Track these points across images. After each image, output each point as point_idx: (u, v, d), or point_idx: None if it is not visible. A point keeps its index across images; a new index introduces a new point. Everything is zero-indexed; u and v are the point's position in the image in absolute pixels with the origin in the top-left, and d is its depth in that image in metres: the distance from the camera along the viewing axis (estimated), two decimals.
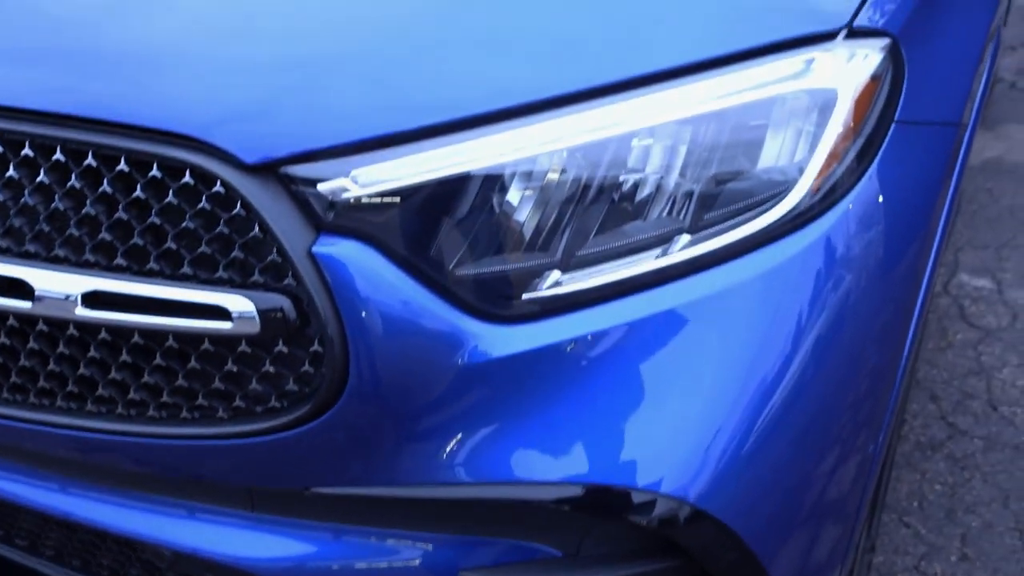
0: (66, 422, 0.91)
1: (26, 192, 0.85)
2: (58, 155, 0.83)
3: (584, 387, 0.82)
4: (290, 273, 0.80)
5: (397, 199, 0.80)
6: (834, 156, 0.88)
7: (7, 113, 0.84)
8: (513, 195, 0.82)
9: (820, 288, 0.88)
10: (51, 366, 0.89)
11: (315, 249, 0.79)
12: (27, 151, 0.84)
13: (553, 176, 0.83)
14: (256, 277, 0.80)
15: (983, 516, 1.82)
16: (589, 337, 0.83)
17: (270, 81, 0.82)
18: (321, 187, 0.79)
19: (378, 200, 0.79)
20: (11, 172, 0.85)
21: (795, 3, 0.91)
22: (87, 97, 0.82)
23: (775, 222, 0.87)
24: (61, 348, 0.88)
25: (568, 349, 0.83)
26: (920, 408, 2.12)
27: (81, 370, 0.88)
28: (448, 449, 0.85)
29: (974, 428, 2.06)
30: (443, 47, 0.85)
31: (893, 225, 0.94)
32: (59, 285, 0.83)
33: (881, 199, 0.92)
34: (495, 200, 0.82)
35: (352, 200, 0.79)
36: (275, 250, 0.79)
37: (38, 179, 0.84)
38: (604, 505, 0.83)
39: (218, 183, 0.79)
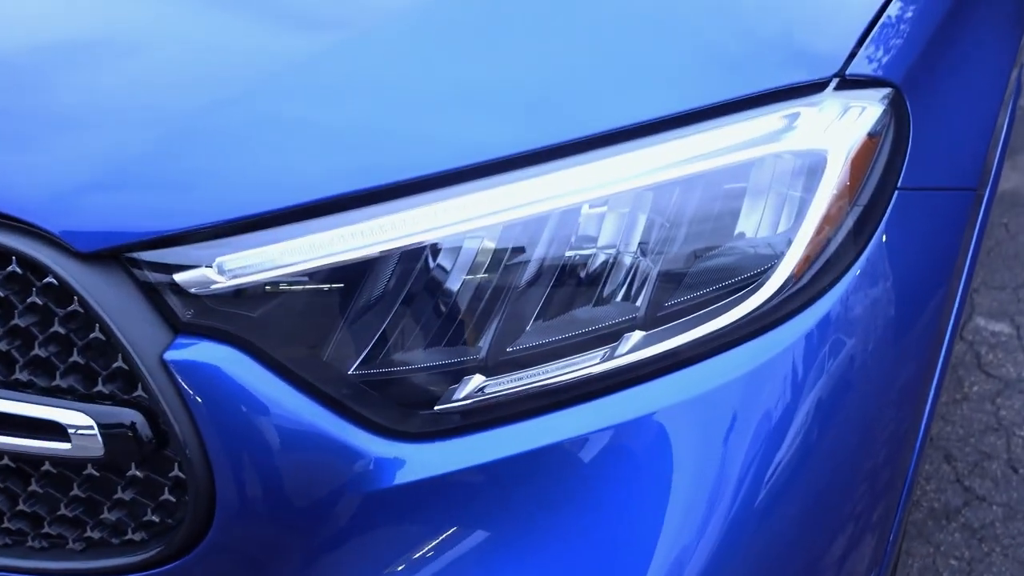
0: None
1: None
2: None
3: (510, 525, 0.67)
4: (139, 384, 0.64)
5: (273, 291, 0.64)
6: (826, 226, 0.73)
7: None
8: (426, 281, 0.67)
9: (820, 377, 0.73)
10: None
11: (169, 355, 0.64)
12: None
13: (481, 258, 0.68)
14: (100, 387, 0.65)
15: None
16: (517, 459, 0.67)
17: (111, 147, 0.67)
18: (177, 277, 0.64)
19: (249, 293, 0.64)
20: None
21: (777, 47, 0.77)
22: None
23: (757, 309, 0.71)
24: None
25: (490, 472, 0.67)
26: (934, 469, 1.96)
27: None
28: None
29: (993, 493, 1.90)
30: (334, 100, 0.70)
31: (901, 308, 0.79)
32: None
33: (886, 278, 0.77)
34: (401, 288, 0.67)
35: (216, 293, 0.64)
36: (120, 356, 0.64)
37: None
38: None
39: (49, 275, 0.64)
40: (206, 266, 0.64)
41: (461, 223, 0.67)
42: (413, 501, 0.67)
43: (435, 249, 0.68)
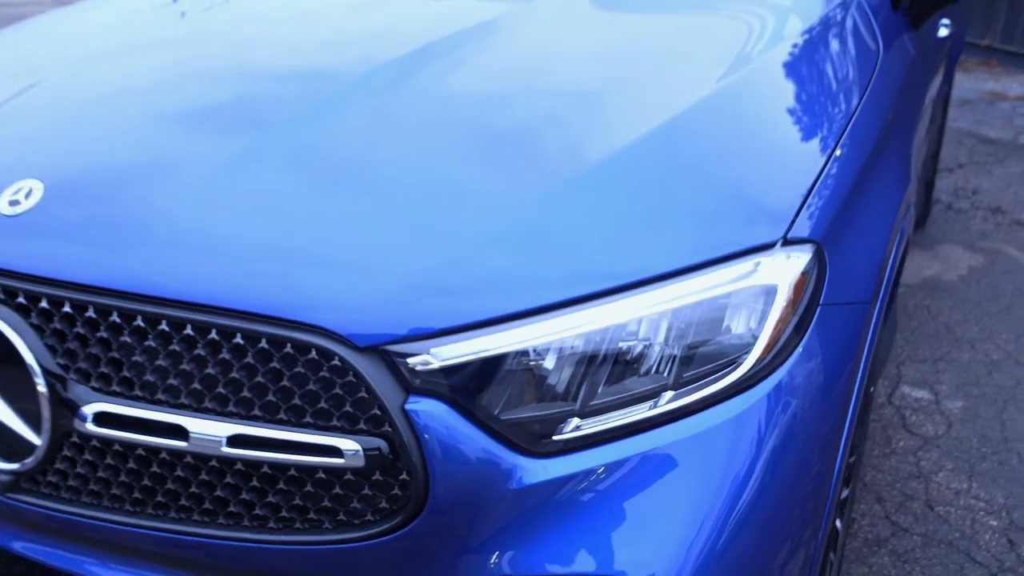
0: (199, 532, 1.19)
1: (184, 360, 1.15)
2: (212, 335, 1.13)
3: (597, 504, 1.12)
4: (387, 423, 1.10)
5: (462, 368, 1.11)
6: (778, 331, 1.21)
7: (172, 304, 1.15)
8: (547, 364, 1.14)
9: (777, 422, 1.19)
10: (192, 489, 1.18)
11: (406, 406, 1.09)
12: (188, 331, 1.14)
13: (575, 353, 1.14)
14: (362, 425, 1.10)
15: None
16: (600, 468, 1.13)
17: (374, 287, 1.12)
18: (410, 361, 1.10)
19: (449, 369, 1.10)
20: (173, 346, 1.15)
21: (746, 221, 1.24)
22: (244, 295, 1.12)
23: (738, 378, 1.18)
24: (203, 476, 1.17)
25: (585, 476, 1.13)
26: (867, 508, 2.41)
27: (216, 492, 1.17)
28: (495, 551, 1.14)
29: (914, 526, 2.35)
30: (480, 256, 1.16)
31: (824, 375, 1.26)
32: (210, 429, 1.13)
33: (814, 358, 1.24)
34: (533, 368, 1.13)
35: (429, 369, 1.10)
36: (376, 407, 1.10)
37: (195, 351, 1.14)
38: None
39: (336, 358, 1.10)
40: (426, 354, 1.10)
41: (567, 330, 1.14)
42: (542, 493, 1.12)
43: (547, 347, 1.14)
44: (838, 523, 1.77)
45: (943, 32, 2.85)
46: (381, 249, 1.15)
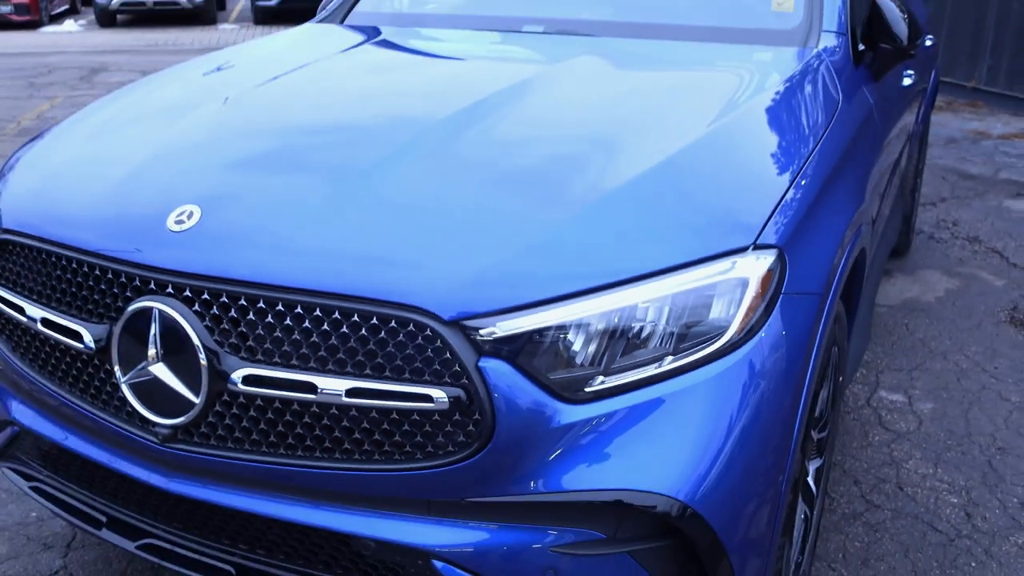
0: (320, 465, 1.59)
1: (313, 334, 1.56)
2: (336, 315, 1.55)
3: (619, 436, 1.53)
4: (464, 377, 1.51)
5: (518, 338, 1.52)
6: (750, 312, 1.62)
7: (305, 292, 1.56)
8: (580, 337, 1.55)
9: (749, 380, 1.60)
10: (316, 432, 1.59)
11: (479, 364, 1.50)
12: (317, 312, 1.56)
13: (600, 327, 1.56)
14: (446, 379, 1.52)
15: (889, 563, 2.48)
16: (619, 411, 1.54)
17: (454, 279, 1.53)
18: (481, 332, 1.51)
19: (509, 338, 1.51)
20: (305, 324, 1.56)
21: (727, 231, 1.65)
22: (361, 285, 1.54)
23: (721, 346, 1.58)
24: (324, 421, 1.58)
25: (608, 417, 1.54)
26: (846, 490, 2.80)
27: (335, 433, 1.58)
28: (538, 473, 1.54)
29: (885, 503, 2.74)
30: (528, 256, 1.57)
31: (787, 347, 1.67)
32: (333, 385, 1.54)
33: (778, 332, 1.65)
34: (571, 338, 1.54)
35: (495, 338, 1.51)
36: (457, 365, 1.51)
37: (322, 327, 1.56)
38: (633, 503, 1.52)
39: (428, 329, 1.51)
40: (492, 327, 1.51)
41: (592, 312, 1.55)
42: (575, 430, 1.53)
43: (580, 322, 1.55)
44: (811, 483, 2.17)
45: (907, 81, 3.29)
46: (457, 252, 1.58)
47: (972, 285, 4.44)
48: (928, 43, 4.29)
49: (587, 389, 1.54)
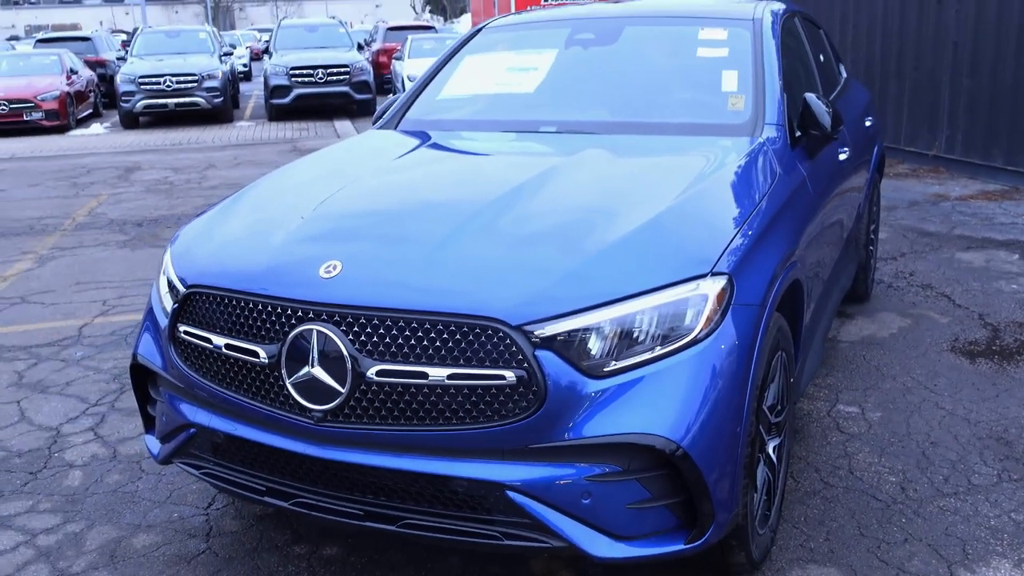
0: (426, 428, 2.38)
1: (424, 339, 2.37)
2: (439, 325, 2.35)
3: (628, 401, 2.32)
4: (526, 363, 2.31)
5: (559, 336, 2.33)
6: (711, 317, 2.43)
7: (416, 312, 2.38)
8: (597, 337, 2.36)
9: (713, 362, 2.39)
10: (425, 405, 2.38)
11: (535, 353, 2.30)
12: (426, 324, 2.37)
13: (611, 329, 2.36)
14: (513, 364, 2.31)
15: (840, 522, 3.22)
16: (628, 383, 2.34)
17: (515, 300, 2.34)
18: (535, 332, 2.32)
19: (552, 336, 2.32)
20: (418, 332, 2.37)
21: (693, 263, 2.47)
22: (454, 305, 2.36)
23: (691, 339, 2.38)
24: (432, 397, 2.37)
25: (619, 388, 2.34)
26: (808, 476, 3.55)
27: (439, 405, 2.37)
28: (571, 425, 2.33)
29: (838, 483, 3.48)
30: (562, 283, 2.40)
31: (738, 339, 2.47)
32: (438, 372, 2.34)
33: (730, 330, 2.46)
34: (593, 336, 2.35)
35: (544, 336, 2.32)
36: (520, 354, 2.31)
37: (430, 334, 2.36)
38: (640, 444, 2.31)
39: (500, 332, 2.32)
40: (541, 328, 2.32)
41: (606, 318, 2.36)
42: (596, 397, 2.31)
43: (597, 326, 2.36)
44: (772, 455, 2.95)
45: (842, 156, 4.16)
46: (517, 283, 2.40)
47: (922, 323, 5.23)
48: (867, 124, 5.18)
49: (605, 369, 2.35)
